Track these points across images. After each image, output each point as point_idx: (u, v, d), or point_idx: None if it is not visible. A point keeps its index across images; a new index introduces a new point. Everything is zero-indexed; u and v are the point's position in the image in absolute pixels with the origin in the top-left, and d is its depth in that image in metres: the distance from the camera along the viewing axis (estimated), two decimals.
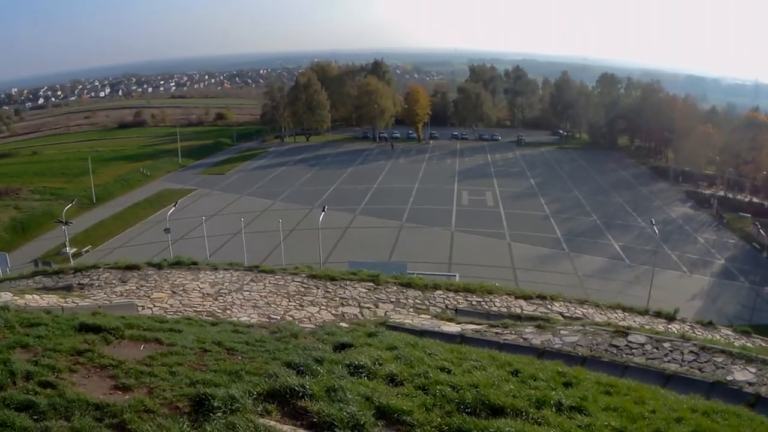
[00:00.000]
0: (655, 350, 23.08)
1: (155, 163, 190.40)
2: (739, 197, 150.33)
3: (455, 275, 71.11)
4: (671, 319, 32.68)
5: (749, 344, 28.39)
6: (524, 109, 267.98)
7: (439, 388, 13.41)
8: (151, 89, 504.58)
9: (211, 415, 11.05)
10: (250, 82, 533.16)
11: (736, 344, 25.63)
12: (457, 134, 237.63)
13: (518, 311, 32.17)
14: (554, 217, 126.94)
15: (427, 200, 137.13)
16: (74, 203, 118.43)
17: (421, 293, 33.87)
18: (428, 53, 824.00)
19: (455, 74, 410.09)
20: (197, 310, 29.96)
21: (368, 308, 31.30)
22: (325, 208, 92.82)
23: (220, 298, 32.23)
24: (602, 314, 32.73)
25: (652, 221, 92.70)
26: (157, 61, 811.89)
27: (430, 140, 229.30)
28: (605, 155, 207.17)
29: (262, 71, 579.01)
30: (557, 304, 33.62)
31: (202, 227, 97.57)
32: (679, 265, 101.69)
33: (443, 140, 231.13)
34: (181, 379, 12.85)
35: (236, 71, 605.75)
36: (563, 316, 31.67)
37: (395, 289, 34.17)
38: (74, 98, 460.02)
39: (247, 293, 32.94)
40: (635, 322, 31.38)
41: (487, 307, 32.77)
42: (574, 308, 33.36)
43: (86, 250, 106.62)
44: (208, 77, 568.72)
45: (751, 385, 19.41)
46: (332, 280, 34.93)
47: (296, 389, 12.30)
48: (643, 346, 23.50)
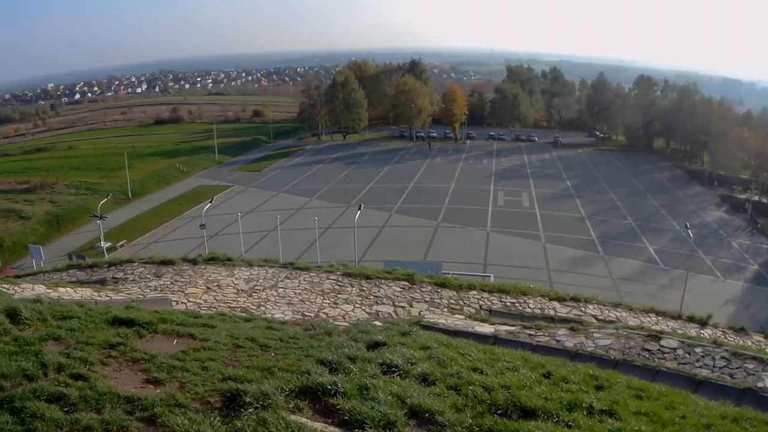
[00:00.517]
0: (686, 355, 22.92)
1: (191, 159, 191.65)
2: None
3: (490, 276, 71.07)
4: (704, 324, 32.42)
5: None
6: (561, 110, 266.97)
7: (471, 388, 13.31)
8: (188, 86, 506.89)
9: (242, 410, 11.01)
10: (287, 79, 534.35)
11: (767, 351, 25.42)
12: (493, 134, 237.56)
13: (552, 313, 31.99)
14: (589, 219, 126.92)
15: (462, 200, 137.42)
16: (110, 198, 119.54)
17: (455, 293, 33.65)
18: (464, 53, 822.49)
19: (492, 74, 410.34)
20: (231, 306, 29.92)
21: (402, 307, 31.16)
22: (361, 206, 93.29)
23: (254, 294, 32.11)
24: (635, 318, 32.48)
25: (686, 225, 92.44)
26: (194, 57, 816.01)
27: (466, 140, 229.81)
28: (641, 157, 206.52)
29: (299, 69, 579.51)
30: (591, 306, 33.43)
31: (237, 224, 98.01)
32: (712, 269, 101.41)
33: (480, 140, 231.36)
34: (213, 374, 12.82)
35: (273, 69, 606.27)
36: (597, 319, 31.47)
37: (430, 288, 33.97)
38: (111, 94, 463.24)
39: (281, 290, 32.81)
40: (668, 326, 31.17)
41: (521, 308, 32.64)
42: (607, 311, 33.12)
43: (121, 244, 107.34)
44: (245, 74, 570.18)
45: None
46: (367, 278, 34.79)
47: (328, 387, 12.26)
48: (675, 350, 23.34)
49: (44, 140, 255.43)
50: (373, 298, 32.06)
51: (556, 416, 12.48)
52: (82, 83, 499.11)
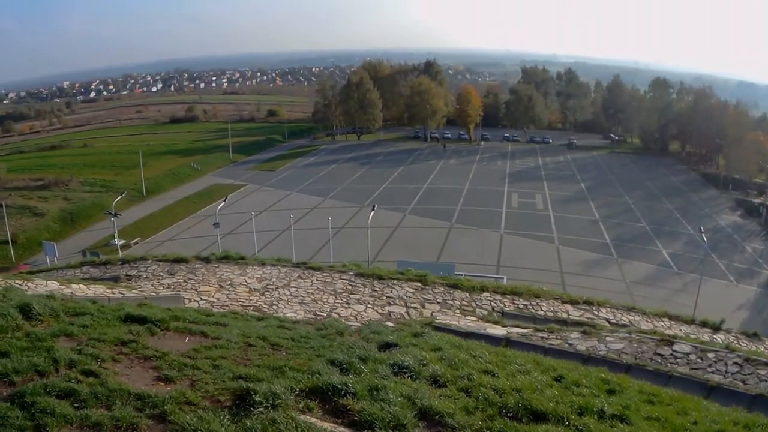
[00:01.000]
0: (699, 360, 22.82)
1: (206, 158, 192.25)
2: None
3: (503, 278, 71.16)
4: (717, 329, 32.28)
5: None
6: (576, 112, 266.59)
7: (482, 390, 13.28)
8: (203, 85, 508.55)
9: (252, 409, 11.01)
10: (302, 79, 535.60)
11: None
12: (508, 136, 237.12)
13: (564, 316, 31.91)
14: (603, 221, 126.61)
15: (477, 202, 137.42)
16: (124, 196, 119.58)
17: (468, 295, 33.59)
18: (479, 54, 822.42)
19: (507, 75, 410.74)
20: (244, 304, 29.90)
21: (414, 308, 31.13)
22: (374, 206, 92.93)
23: (266, 293, 32.10)
24: (648, 322, 32.38)
25: (700, 229, 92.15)
26: (209, 57, 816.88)
27: (481, 141, 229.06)
28: (656, 160, 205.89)
29: (314, 69, 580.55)
30: (604, 310, 33.33)
31: (251, 222, 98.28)
32: (726, 274, 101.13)
33: (494, 142, 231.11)
34: (224, 372, 12.84)
35: (288, 69, 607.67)
36: (609, 322, 31.34)
37: (442, 290, 33.90)
38: (126, 92, 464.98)
39: (294, 289, 32.79)
40: (681, 330, 31.06)
41: (533, 310, 32.59)
42: (620, 315, 33.01)
43: (135, 242, 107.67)
44: (260, 74, 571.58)
45: None
46: (380, 279, 34.77)
47: (339, 387, 12.25)
48: (687, 355, 23.24)
49: (59, 138, 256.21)
50: (385, 298, 32.06)
51: (566, 420, 12.42)
52: (97, 81, 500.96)
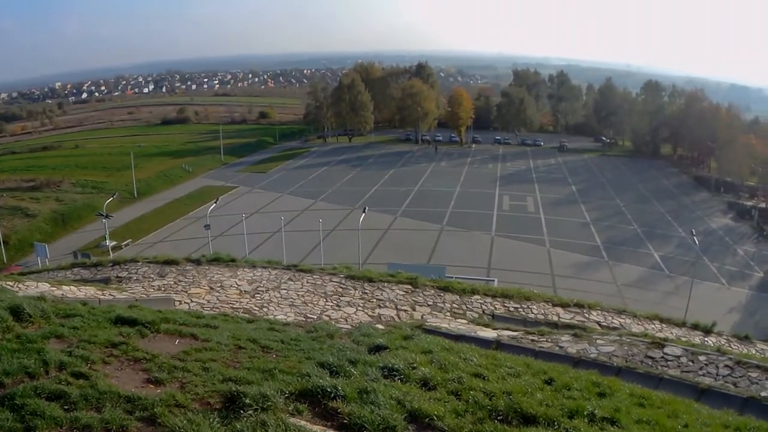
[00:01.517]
0: (690, 363, 22.84)
1: (197, 159, 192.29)
2: None
3: (494, 280, 71.22)
4: (708, 331, 32.34)
5: None
6: (567, 114, 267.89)
7: (472, 393, 13.30)
8: (194, 86, 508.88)
9: (241, 412, 11.02)
10: (293, 81, 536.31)
11: None
12: (499, 139, 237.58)
13: (555, 319, 31.90)
14: (594, 224, 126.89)
15: (468, 204, 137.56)
16: (115, 197, 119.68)
17: (458, 297, 33.65)
18: (472, 56, 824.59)
19: (499, 78, 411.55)
20: (234, 306, 29.91)
21: (405, 311, 31.16)
22: (365, 209, 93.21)
23: (257, 295, 32.15)
24: (639, 325, 32.43)
25: (692, 232, 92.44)
26: (201, 58, 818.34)
27: (472, 144, 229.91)
28: (648, 163, 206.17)
29: (305, 71, 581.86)
30: (595, 313, 33.34)
31: (242, 224, 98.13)
32: (718, 277, 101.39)
33: (485, 144, 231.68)
34: (213, 375, 12.85)
35: (280, 71, 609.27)
36: (600, 325, 31.40)
37: (433, 292, 33.95)
38: (118, 93, 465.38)
39: (284, 292, 32.83)
40: (672, 333, 31.06)
41: (524, 313, 32.59)
42: (611, 318, 33.05)
43: (126, 243, 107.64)
44: (251, 76, 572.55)
45: None
46: (370, 281, 34.80)
47: (328, 390, 12.28)
48: (678, 358, 23.26)
49: (51, 138, 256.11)
50: (375, 301, 32.09)
51: (557, 423, 12.42)
52: (89, 82, 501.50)
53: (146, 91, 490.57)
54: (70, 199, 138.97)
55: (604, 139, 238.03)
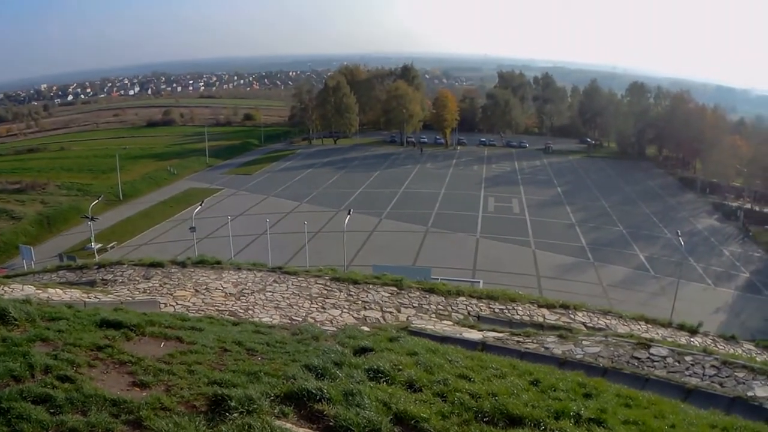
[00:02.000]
0: (676, 363, 22.87)
1: (183, 162, 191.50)
2: (765, 210, 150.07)
3: (479, 282, 71.25)
4: (694, 332, 32.48)
5: None
6: (553, 116, 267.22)
7: (457, 395, 13.34)
8: (180, 88, 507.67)
9: (227, 415, 11.04)
10: (279, 83, 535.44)
11: (758, 359, 25.31)
12: (484, 140, 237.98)
13: (541, 320, 31.94)
14: (580, 225, 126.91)
15: (453, 206, 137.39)
16: (101, 199, 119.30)
17: (443, 299, 33.68)
18: (457, 59, 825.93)
19: (484, 80, 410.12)
20: (219, 309, 29.88)
21: (390, 313, 31.15)
22: (350, 211, 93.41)
23: (242, 298, 32.10)
24: (625, 325, 32.49)
25: (677, 232, 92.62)
26: (186, 60, 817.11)
27: (457, 146, 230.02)
28: (633, 165, 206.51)
29: (291, 73, 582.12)
30: (580, 314, 33.43)
31: (227, 227, 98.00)
32: (703, 277, 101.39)
33: (471, 146, 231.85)
34: (199, 378, 12.87)
35: (265, 73, 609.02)
36: (586, 326, 31.45)
37: (418, 294, 33.97)
38: (103, 95, 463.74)
39: (269, 294, 32.81)
40: (658, 334, 31.16)
41: (509, 315, 32.61)
42: (597, 319, 33.14)
43: (111, 246, 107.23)
44: (237, 78, 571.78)
45: None
46: (355, 283, 34.81)
47: (314, 392, 12.29)
48: (664, 359, 23.30)
49: (36, 141, 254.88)
50: (361, 303, 32.07)
51: (543, 424, 12.46)
52: (75, 84, 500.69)
53: (132, 93, 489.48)
54: (55, 201, 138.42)
55: (589, 140, 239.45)
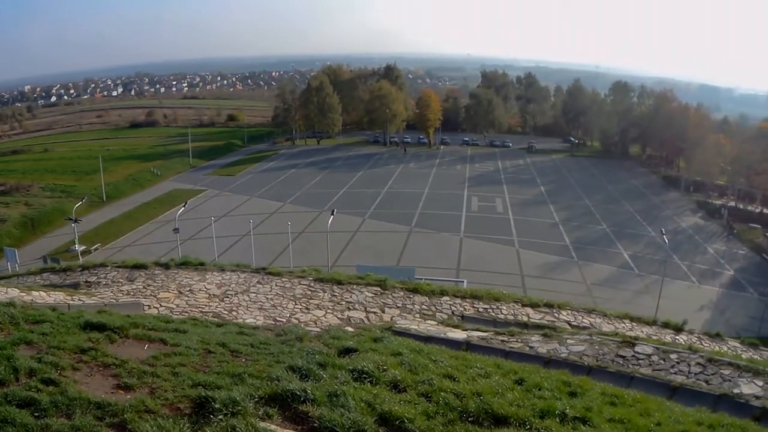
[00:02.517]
0: (661, 361, 22.89)
1: (166, 163, 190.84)
2: (749, 208, 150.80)
3: (463, 281, 71.06)
4: (679, 330, 32.49)
5: (757, 357, 28.28)
6: (536, 116, 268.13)
7: (442, 395, 13.35)
8: (163, 89, 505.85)
9: (211, 417, 11.05)
10: (262, 84, 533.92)
11: (743, 357, 25.43)
12: (467, 140, 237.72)
13: (525, 319, 31.92)
14: (564, 224, 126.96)
15: (436, 206, 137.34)
16: (84, 201, 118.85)
17: (427, 299, 33.71)
18: (441, 58, 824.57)
19: (467, 80, 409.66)
20: (203, 310, 29.90)
21: (374, 313, 31.16)
22: (334, 211, 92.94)
23: (226, 299, 32.10)
24: (610, 324, 32.53)
25: (662, 231, 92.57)
26: (170, 61, 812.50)
27: (440, 146, 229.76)
28: (616, 164, 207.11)
29: (274, 73, 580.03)
30: (565, 312, 33.43)
31: (211, 228, 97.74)
32: (688, 275, 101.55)
33: (454, 146, 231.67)
34: (183, 380, 12.86)
35: (248, 73, 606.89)
36: (570, 325, 31.45)
37: (402, 294, 33.98)
38: (87, 97, 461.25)
39: (253, 295, 32.82)
40: (643, 332, 31.15)
41: (493, 314, 32.61)
42: (581, 317, 33.16)
43: (95, 247, 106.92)
44: (220, 78, 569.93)
45: (757, 398, 19.21)
46: (339, 283, 34.80)
47: (298, 393, 12.30)
48: (649, 357, 23.31)
49: (20, 142, 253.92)
50: (345, 303, 32.09)
51: (528, 423, 12.49)
52: (58, 86, 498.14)
53: (115, 94, 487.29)
54: (39, 203, 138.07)
55: (572, 139, 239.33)
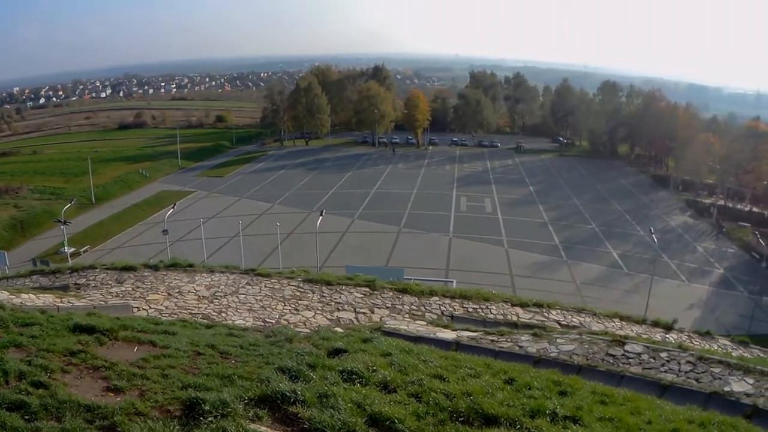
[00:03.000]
0: (651, 360, 22.89)
1: (155, 164, 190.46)
2: (739, 207, 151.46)
3: (452, 281, 71.19)
4: (669, 328, 32.45)
5: (747, 355, 28.27)
6: (524, 115, 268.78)
7: (432, 395, 13.34)
8: (152, 91, 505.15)
9: (201, 419, 11.04)
10: (250, 85, 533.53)
11: (733, 354, 25.48)
12: (456, 140, 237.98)
13: (515, 319, 31.88)
14: (552, 224, 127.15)
15: (425, 206, 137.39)
16: (73, 203, 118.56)
17: (417, 299, 33.70)
18: (429, 59, 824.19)
19: (456, 80, 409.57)
20: (192, 312, 29.85)
21: (364, 313, 31.15)
22: (323, 212, 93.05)
23: (215, 300, 32.06)
24: (599, 323, 32.54)
25: (651, 230, 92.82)
26: (158, 62, 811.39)
27: (429, 146, 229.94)
28: (605, 163, 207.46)
29: (262, 74, 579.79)
30: (554, 312, 33.40)
31: (200, 229, 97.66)
32: (677, 274, 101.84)
33: (442, 146, 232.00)
34: (173, 382, 12.84)
35: (237, 74, 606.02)
36: (560, 324, 31.43)
37: (391, 294, 33.96)
38: (75, 98, 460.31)
39: (242, 296, 32.80)
40: (632, 331, 31.17)
41: (483, 314, 32.59)
42: (571, 317, 33.15)
43: (85, 249, 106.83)
44: (208, 80, 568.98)
45: (748, 396, 19.23)
46: (328, 284, 34.77)
47: (288, 395, 12.30)
48: (639, 355, 23.32)
49: (9, 144, 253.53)
50: (334, 304, 32.10)
51: (518, 423, 12.49)
52: (47, 87, 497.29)
53: (103, 95, 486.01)
54: (28, 205, 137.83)
55: (561, 139, 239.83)
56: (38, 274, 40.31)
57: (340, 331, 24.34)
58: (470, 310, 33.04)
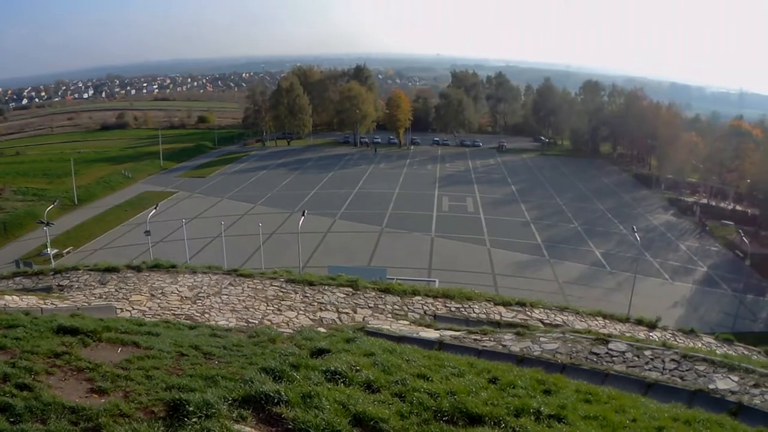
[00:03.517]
0: (635, 358, 23.00)
1: (137, 165, 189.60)
2: (722, 205, 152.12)
3: (435, 281, 71.28)
4: (653, 326, 32.56)
5: (731, 352, 28.44)
6: (506, 115, 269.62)
7: (416, 395, 13.35)
8: (134, 91, 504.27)
9: (186, 420, 11.01)
10: (232, 85, 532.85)
11: (718, 352, 25.47)
12: (438, 140, 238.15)
13: (497, 318, 31.97)
14: (535, 223, 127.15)
15: (407, 205, 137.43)
16: (56, 204, 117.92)
17: (399, 299, 33.75)
18: (411, 59, 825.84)
19: (438, 80, 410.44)
20: (175, 313, 29.80)
21: (346, 313, 31.17)
22: (305, 212, 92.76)
23: (198, 301, 32.04)
24: (582, 321, 32.61)
25: (633, 228, 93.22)
26: (140, 63, 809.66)
27: (411, 146, 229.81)
28: (587, 162, 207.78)
29: (244, 75, 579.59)
30: (537, 311, 33.49)
31: (182, 230, 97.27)
32: (660, 272, 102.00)
33: (424, 146, 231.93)
34: (157, 383, 12.82)
35: (219, 75, 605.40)
36: (543, 323, 31.48)
37: (374, 294, 34.01)
38: (58, 99, 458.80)
39: (225, 297, 32.78)
40: (616, 329, 31.33)
41: (466, 313, 32.65)
42: (554, 315, 33.22)
43: (67, 251, 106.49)
44: (190, 80, 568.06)
45: (733, 393, 19.39)
46: (311, 284, 34.80)
47: (271, 395, 12.28)
48: (623, 354, 23.43)
49: None
50: (317, 304, 32.13)
51: (503, 422, 12.52)
52: (29, 88, 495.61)
53: (86, 96, 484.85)
54: (11, 207, 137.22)
55: (543, 138, 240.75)
56: (21, 275, 40.20)
57: (323, 331, 24.37)
58: (453, 309, 33.10)
